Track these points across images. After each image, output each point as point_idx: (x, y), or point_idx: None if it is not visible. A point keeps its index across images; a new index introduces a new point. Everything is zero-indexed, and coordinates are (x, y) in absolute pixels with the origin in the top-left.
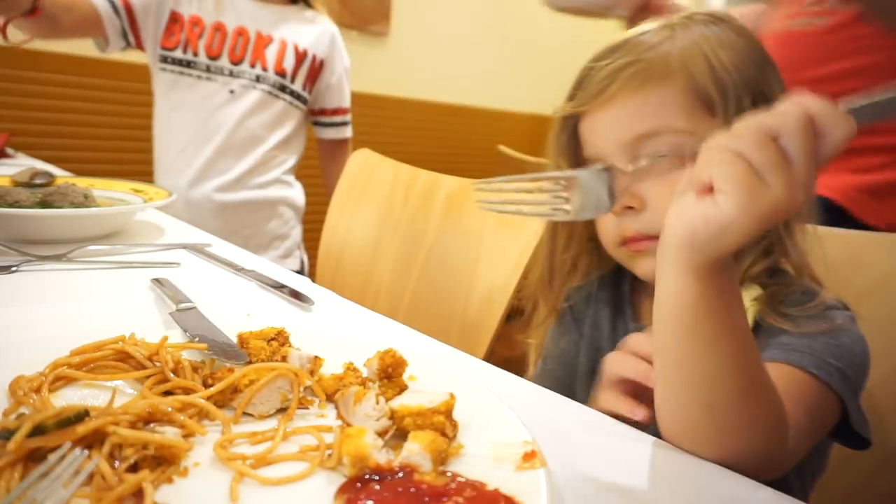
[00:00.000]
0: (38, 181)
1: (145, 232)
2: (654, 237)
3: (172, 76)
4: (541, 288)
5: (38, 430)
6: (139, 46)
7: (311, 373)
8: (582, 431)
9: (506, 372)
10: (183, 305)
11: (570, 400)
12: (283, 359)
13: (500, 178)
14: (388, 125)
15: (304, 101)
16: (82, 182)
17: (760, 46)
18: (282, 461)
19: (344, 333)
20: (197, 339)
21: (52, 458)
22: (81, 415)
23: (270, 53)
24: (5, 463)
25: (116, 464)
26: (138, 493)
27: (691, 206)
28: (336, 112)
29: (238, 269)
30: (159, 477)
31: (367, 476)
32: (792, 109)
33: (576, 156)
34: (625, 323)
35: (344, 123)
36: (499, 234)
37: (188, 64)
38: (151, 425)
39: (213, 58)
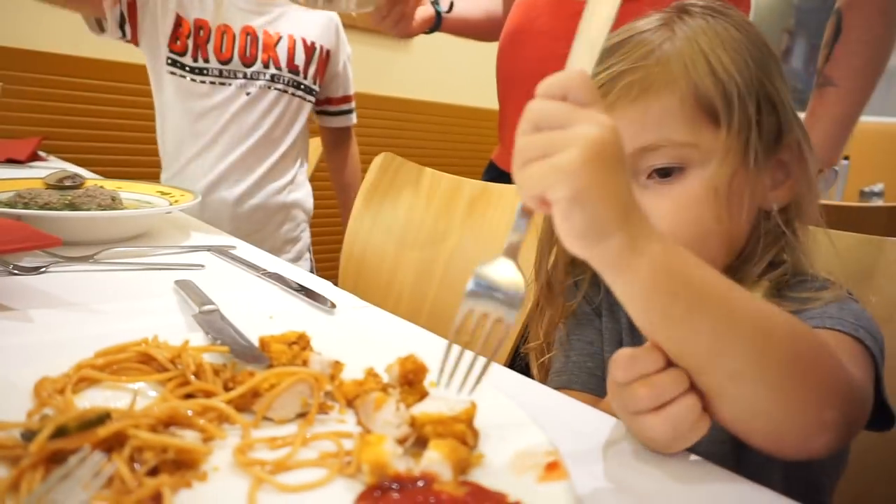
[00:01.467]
0: (67, 183)
1: (170, 234)
2: None
3: (185, 82)
4: (543, 297)
5: (60, 432)
6: (134, 41)
7: (332, 378)
8: (606, 440)
9: (528, 379)
10: (206, 308)
11: (592, 408)
12: (304, 363)
13: (443, 357)
14: (411, 128)
15: (314, 94)
16: (110, 184)
17: (762, 41)
18: (301, 467)
19: (365, 337)
20: (219, 341)
21: (73, 460)
22: (103, 417)
23: (281, 50)
24: (27, 464)
25: (136, 467)
26: (157, 497)
27: (557, 224)
28: (343, 100)
29: (261, 272)
30: (178, 481)
31: (386, 484)
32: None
33: None
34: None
35: (350, 111)
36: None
37: (200, 71)
38: (172, 429)
39: (224, 61)
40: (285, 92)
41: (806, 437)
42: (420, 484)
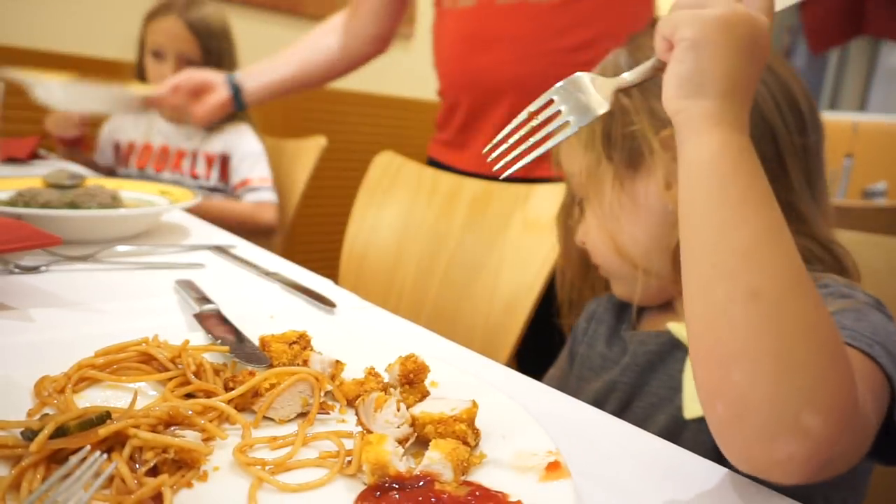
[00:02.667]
0: (67, 182)
1: (171, 233)
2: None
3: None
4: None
5: (60, 432)
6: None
7: (333, 377)
8: (607, 440)
9: (530, 378)
10: (206, 307)
11: (595, 408)
12: (305, 363)
13: (501, 135)
14: (412, 127)
15: (223, 191)
16: (110, 183)
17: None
18: (301, 467)
19: (366, 337)
20: (219, 341)
21: (73, 459)
22: (103, 417)
23: (186, 163)
24: (28, 463)
25: (137, 466)
26: (157, 497)
27: (668, 68)
28: (239, 186)
29: (262, 271)
30: (179, 481)
31: (387, 484)
32: None
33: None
34: (618, 333)
35: (246, 192)
36: (523, 236)
37: (124, 177)
38: (172, 428)
39: (141, 168)
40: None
41: (774, 427)
42: (421, 484)
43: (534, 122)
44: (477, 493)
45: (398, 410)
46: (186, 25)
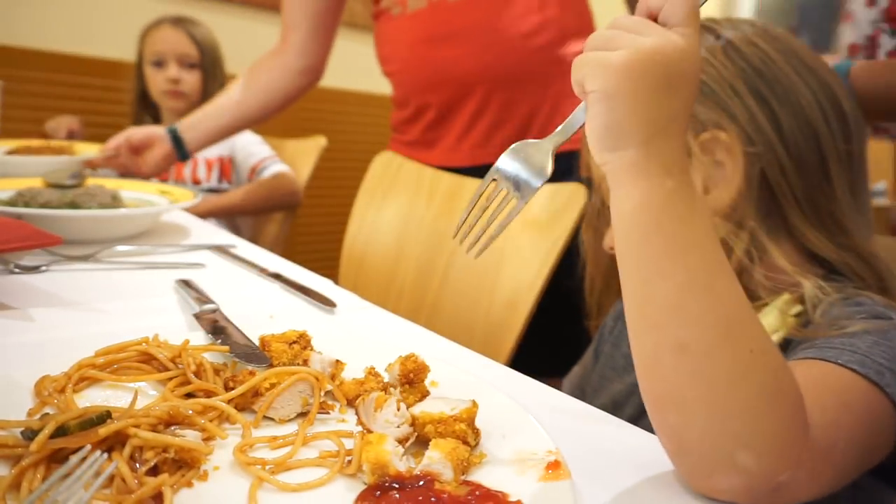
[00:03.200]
0: (68, 182)
1: (171, 233)
2: None
3: None
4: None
5: (60, 431)
6: None
7: (333, 377)
8: (607, 440)
9: (530, 378)
10: (206, 307)
11: (595, 408)
12: (305, 362)
13: (463, 214)
14: None
15: (226, 190)
16: (111, 183)
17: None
18: (301, 467)
19: (366, 337)
20: (219, 341)
21: (74, 459)
22: (103, 416)
23: (187, 170)
24: (28, 463)
25: (137, 466)
26: (158, 497)
27: (587, 119)
28: (252, 172)
29: (262, 271)
30: (179, 481)
31: (387, 484)
32: None
33: None
34: None
35: (264, 168)
36: (524, 235)
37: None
38: (172, 428)
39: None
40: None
41: (709, 465)
42: (421, 483)
43: (490, 200)
44: (477, 493)
45: (398, 410)
46: (182, 31)
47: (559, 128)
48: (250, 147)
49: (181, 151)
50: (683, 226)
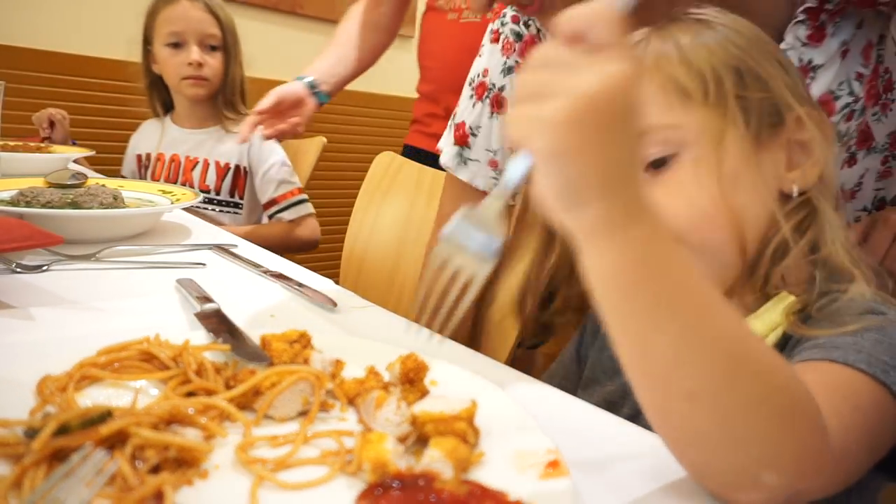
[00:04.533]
0: (69, 182)
1: (172, 232)
2: None
3: None
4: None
5: (62, 430)
6: None
7: (333, 376)
8: (607, 439)
9: (530, 378)
10: (207, 306)
11: (595, 407)
12: (306, 361)
13: (420, 293)
14: None
15: (239, 206)
16: (112, 183)
17: (752, 31)
18: (302, 465)
19: (366, 336)
20: (220, 340)
21: (75, 457)
22: (105, 415)
23: (196, 174)
24: (30, 461)
25: (138, 464)
26: (159, 495)
27: (538, 177)
28: (269, 204)
29: (263, 271)
30: (180, 479)
31: (387, 482)
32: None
33: None
34: None
35: (284, 208)
36: (524, 234)
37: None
38: (173, 427)
39: (156, 181)
40: (197, 208)
41: (733, 486)
42: (421, 482)
43: (448, 282)
44: (477, 492)
45: (398, 409)
46: (203, 7)
47: (499, 184)
48: (274, 172)
49: (320, 102)
50: (665, 273)
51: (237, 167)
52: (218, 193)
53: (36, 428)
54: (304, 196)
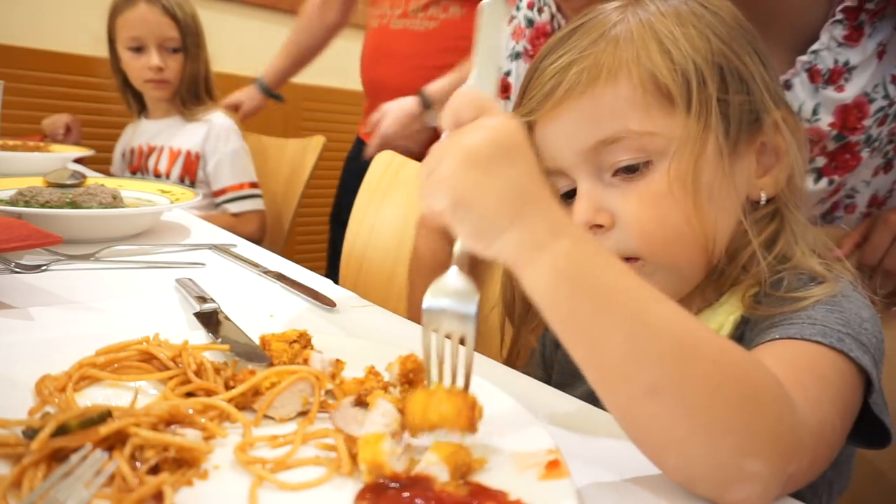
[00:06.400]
0: (68, 181)
1: (171, 232)
2: (633, 257)
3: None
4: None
5: (61, 430)
6: None
7: (333, 376)
8: (607, 438)
9: (530, 378)
10: (207, 306)
11: (594, 406)
12: (305, 361)
13: (428, 374)
14: None
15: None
16: (111, 183)
17: (732, 16)
18: (301, 465)
19: (366, 336)
20: (220, 340)
21: (75, 458)
22: (104, 415)
23: (152, 160)
24: (29, 462)
25: (138, 465)
26: (158, 496)
27: (457, 233)
28: (218, 193)
29: (262, 270)
30: (179, 479)
31: (386, 483)
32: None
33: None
34: None
35: (228, 200)
36: None
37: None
38: (173, 427)
39: (133, 173)
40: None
41: (722, 483)
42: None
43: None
44: (476, 492)
45: (383, 410)
46: (161, 10)
47: (454, 257)
48: (227, 161)
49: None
50: (598, 278)
51: (188, 153)
52: (168, 178)
53: (35, 428)
54: (257, 191)
